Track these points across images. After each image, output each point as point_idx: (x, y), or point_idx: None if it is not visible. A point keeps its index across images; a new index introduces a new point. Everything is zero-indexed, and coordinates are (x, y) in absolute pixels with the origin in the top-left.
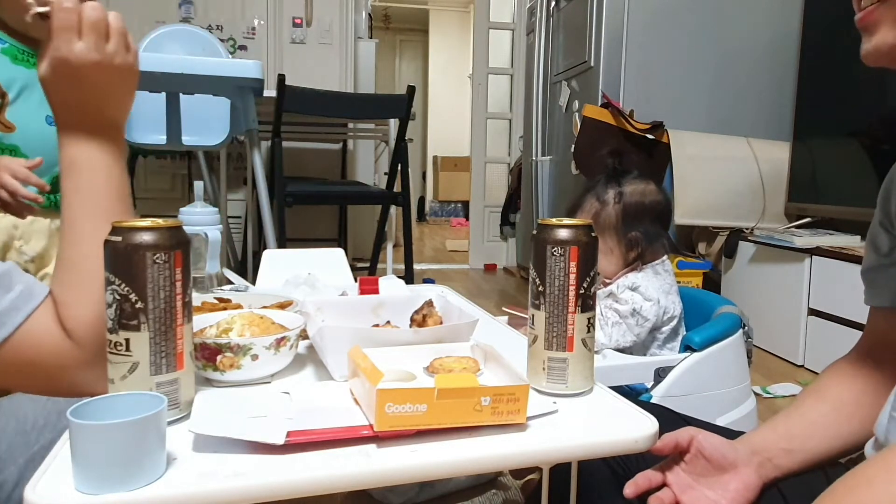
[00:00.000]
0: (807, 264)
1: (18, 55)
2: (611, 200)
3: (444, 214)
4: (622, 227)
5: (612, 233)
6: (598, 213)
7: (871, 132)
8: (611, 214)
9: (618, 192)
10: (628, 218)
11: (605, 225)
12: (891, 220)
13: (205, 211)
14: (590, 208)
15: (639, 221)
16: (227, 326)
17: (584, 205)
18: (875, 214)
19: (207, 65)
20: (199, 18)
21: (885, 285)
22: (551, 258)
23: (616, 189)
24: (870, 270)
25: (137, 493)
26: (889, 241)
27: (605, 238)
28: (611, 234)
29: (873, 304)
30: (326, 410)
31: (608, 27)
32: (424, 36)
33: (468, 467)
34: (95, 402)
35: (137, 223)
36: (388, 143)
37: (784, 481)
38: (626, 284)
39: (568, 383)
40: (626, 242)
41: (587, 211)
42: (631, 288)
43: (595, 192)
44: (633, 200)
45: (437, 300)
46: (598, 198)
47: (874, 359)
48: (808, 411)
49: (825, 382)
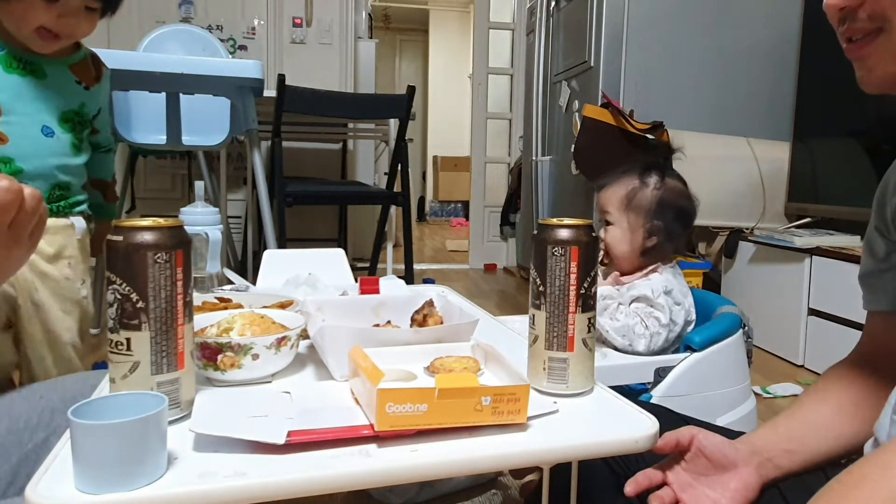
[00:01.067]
0: (807, 264)
1: (13, 63)
2: (651, 184)
3: (444, 214)
4: (652, 212)
5: (640, 213)
6: (636, 190)
7: (871, 132)
8: (647, 196)
9: (660, 179)
10: (661, 207)
11: (637, 204)
12: (886, 226)
13: (205, 211)
14: (628, 183)
15: (667, 215)
16: (228, 326)
17: (624, 179)
18: (871, 219)
19: (207, 65)
20: (199, 18)
21: (882, 290)
22: (552, 258)
23: (659, 176)
24: (867, 275)
25: (138, 492)
26: (886, 245)
27: (630, 216)
28: (638, 215)
29: (872, 308)
30: (327, 410)
31: (608, 27)
32: (424, 36)
33: (468, 467)
34: (96, 401)
35: (138, 223)
36: (388, 143)
37: (784, 481)
38: (660, 289)
39: (568, 383)
40: (649, 228)
41: (624, 185)
42: (666, 292)
43: (638, 172)
44: (672, 195)
45: (438, 300)
46: (641, 178)
47: (873, 362)
48: (809, 413)
49: (825, 385)
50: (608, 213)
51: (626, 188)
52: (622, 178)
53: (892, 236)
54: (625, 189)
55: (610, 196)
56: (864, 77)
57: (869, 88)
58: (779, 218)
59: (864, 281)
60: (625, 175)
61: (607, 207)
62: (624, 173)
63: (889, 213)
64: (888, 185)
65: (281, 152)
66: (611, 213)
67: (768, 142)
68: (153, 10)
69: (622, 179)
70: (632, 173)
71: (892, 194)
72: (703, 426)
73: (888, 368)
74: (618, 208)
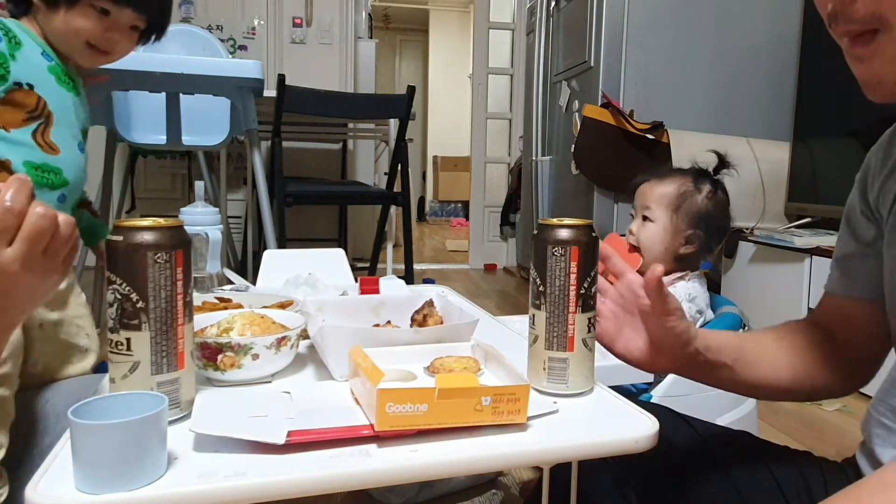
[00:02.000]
0: (807, 264)
1: (62, 76)
2: (704, 191)
3: (444, 214)
4: (698, 220)
5: (686, 218)
6: (689, 193)
7: (871, 132)
8: (697, 202)
9: (713, 189)
10: (708, 217)
11: (687, 207)
12: (870, 209)
13: (205, 211)
14: (681, 184)
15: (711, 226)
16: (228, 326)
17: (676, 178)
18: (853, 201)
19: (207, 65)
20: (199, 18)
21: (863, 275)
22: (552, 258)
23: (713, 186)
24: (848, 258)
25: (138, 492)
26: (871, 229)
27: (675, 217)
28: (683, 219)
29: (846, 293)
30: (327, 410)
31: (608, 27)
32: (424, 36)
33: (468, 467)
34: (96, 401)
35: (138, 223)
36: (388, 143)
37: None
38: (684, 296)
39: (568, 383)
40: (689, 235)
41: (676, 184)
42: (690, 300)
43: (692, 175)
44: (720, 209)
45: (438, 300)
46: (695, 181)
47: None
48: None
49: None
50: (649, 208)
51: (678, 188)
52: (673, 176)
53: (879, 222)
54: (676, 188)
55: (657, 192)
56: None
57: (875, 97)
58: (779, 218)
59: (843, 264)
60: (677, 175)
61: (649, 202)
62: (675, 172)
63: (871, 197)
64: (870, 167)
65: (281, 152)
66: (653, 209)
67: (768, 142)
68: None
69: (673, 178)
70: (685, 175)
71: (872, 179)
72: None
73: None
74: (664, 206)
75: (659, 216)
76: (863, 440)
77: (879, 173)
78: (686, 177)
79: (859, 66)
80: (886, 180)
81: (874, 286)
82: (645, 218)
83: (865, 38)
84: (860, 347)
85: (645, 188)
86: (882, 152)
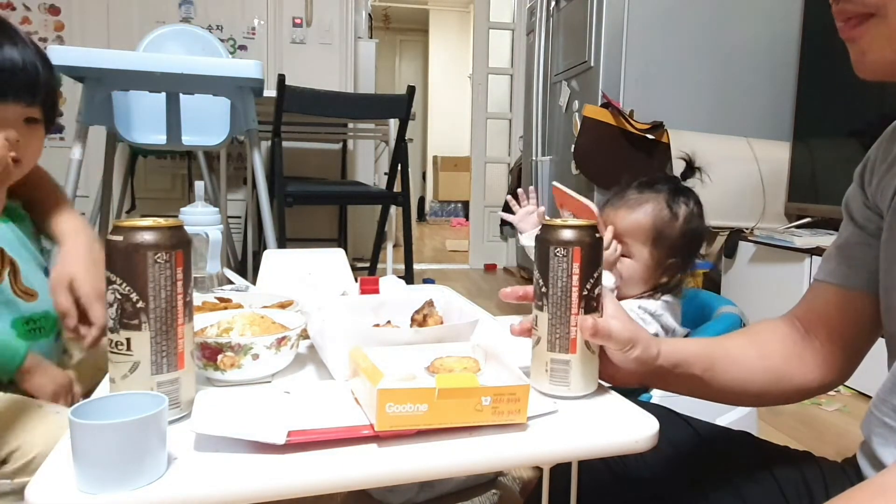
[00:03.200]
0: (807, 264)
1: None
2: (681, 216)
3: (444, 214)
4: (676, 248)
5: (664, 249)
6: (665, 223)
7: (871, 132)
8: (675, 230)
9: (691, 210)
10: (686, 242)
11: (664, 239)
12: (870, 203)
13: (206, 211)
14: (656, 212)
15: (691, 249)
16: (228, 326)
17: (649, 205)
18: (852, 193)
19: (207, 65)
20: (199, 18)
21: (862, 265)
22: (554, 259)
23: (689, 206)
24: (851, 246)
25: (138, 492)
26: (873, 219)
27: (654, 251)
28: (662, 251)
29: (842, 283)
30: (327, 410)
31: (608, 27)
32: (424, 36)
33: (468, 467)
34: (96, 401)
35: (138, 223)
36: (388, 143)
37: (783, 480)
38: (638, 312)
39: (571, 385)
40: (669, 265)
41: (651, 213)
42: (648, 315)
43: (665, 196)
44: (698, 227)
45: (438, 300)
46: (670, 206)
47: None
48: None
49: (759, 329)
50: (627, 243)
51: (653, 219)
52: (646, 201)
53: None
54: (652, 220)
55: (630, 222)
56: (858, 61)
57: (862, 73)
58: (779, 218)
59: (843, 251)
60: (649, 198)
61: (626, 237)
62: (647, 193)
63: (871, 192)
64: (868, 160)
65: (281, 152)
66: (629, 244)
67: (768, 142)
68: (153, 10)
69: (645, 204)
70: (657, 198)
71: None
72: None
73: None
74: (641, 241)
75: (637, 252)
76: (863, 440)
77: (879, 168)
78: (658, 200)
79: (850, 45)
80: (885, 175)
81: (870, 277)
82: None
83: (858, 19)
84: (847, 339)
85: (618, 216)
86: (883, 148)
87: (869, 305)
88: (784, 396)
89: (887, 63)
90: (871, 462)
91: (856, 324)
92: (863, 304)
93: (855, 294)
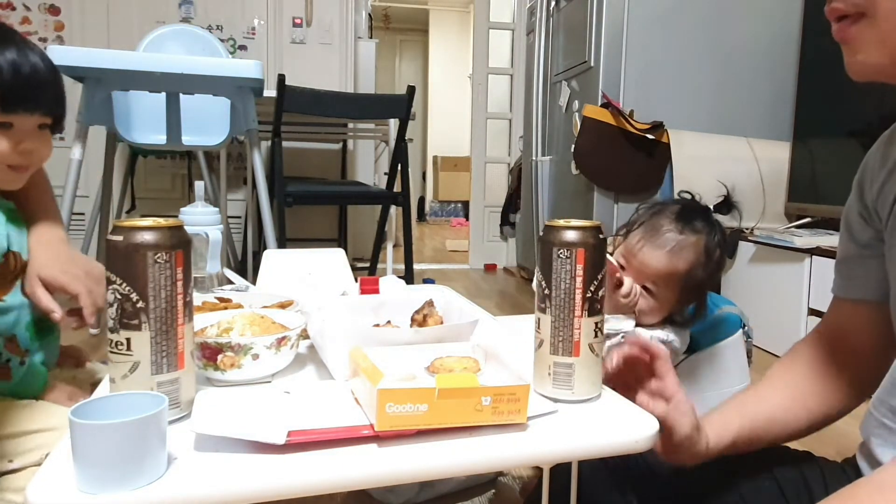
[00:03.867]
0: (807, 264)
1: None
2: (714, 262)
3: (444, 214)
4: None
5: (689, 290)
6: (696, 268)
7: (871, 132)
8: (707, 272)
9: (721, 255)
10: (709, 283)
11: (693, 279)
12: (868, 211)
13: (206, 211)
14: (694, 257)
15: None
16: (228, 326)
17: (689, 250)
18: (850, 204)
19: (207, 65)
20: (199, 18)
21: (862, 276)
22: (557, 260)
23: (722, 250)
24: (847, 260)
25: (138, 492)
26: (869, 231)
27: (681, 291)
28: (689, 290)
29: (847, 295)
30: (327, 410)
31: (608, 27)
32: (424, 36)
33: (468, 467)
34: (96, 401)
35: (138, 223)
36: (388, 143)
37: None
38: (660, 338)
39: (574, 389)
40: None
41: (685, 259)
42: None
43: (707, 241)
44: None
45: (438, 300)
46: (708, 252)
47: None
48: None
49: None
50: (656, 284)
51: (690, 265)
52: (687, 247)
53: (875, 223)
54: (688, 266)
55: (666, 268)
56: (849, 62)
57: (854, 75)
58: (779, 218)
59: (843, 266)
60: (691, 244)
61: (657, 279)
62: (687, 235)
63: (869, 198)
64: (866, 168)
65: (281, 152)
66: (659, 286)
67: (768, 142)
68: (153, 10)
69: (687, 251)
70: (698, 243)
71: (871, 181)
72: None
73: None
74: (671, 286)
75: (661, 294)
76: (862, 441)
77: (878, 174)
78: (699, 245)
79: (843, 46)
80: (887, 180)
81: (876, 288)
82: (646, 288)
83: (850, 20)
84: (867, 350)
85: (650, 255)
86: (881, 153)
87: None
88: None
89: (877, 65)
90: (870, 462)
91: (869, 333)
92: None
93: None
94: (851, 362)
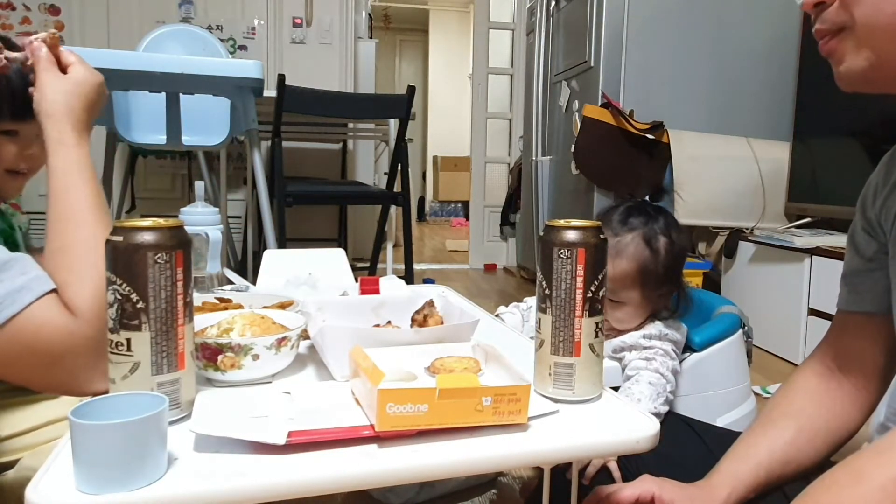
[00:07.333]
0: (807, 264)
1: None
2: (662, 248)
3: (444, 214)
4: (665, 279)
5: (655, 285)
6: (647, 262)
7: (871, 132)
8: (660, 266)
9: (669, 239)
10: (673, 270)
11: (652, 275)
12: (871, 226)
13: (206, 211)
14: (637, 256)
15: (677, 269)
16: (228, 326)
17: (628, 249)
18: (854, 223)
19: (207, 65)
20: (199, 18)
21: (869, 289)
22: (558, 260)
23: (667, 236)
24: (853, 274)
25: (138, 493)
26: (874, 245)
27: (645, 289)
28: (650, 286)
29: (854, 308)
30: (327, 410)
31: (608, 27)
32: (424, 36)
33: (469, 467)
34: (96, 402)
35: (139, 223)
36: (388, 143)
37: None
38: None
39: (575, 389)
40: (660, 295)
41: (633, 258)
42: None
43: (642, 233)
44: (681, 250)
45: (438, 300)
46: (649, 243)
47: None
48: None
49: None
50: (615, 292)
51: (636, 264)
52: (625, 246)
53: (879, 236)
54: (636, 265)
55: (616, 273)
56: (836, 73)
57: (842, 85)
58: (779, 218)
59: (849, 280)
60: (627, 241)
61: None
62: (623, 235)
63: (874, 215)
64: (868, 187)
65: (281, 152)
66: (619, 293)
67: (768, 142)
68: (153, 10)
69: (625, 251)
70: (634, 235)
71: (873, 196)
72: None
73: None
74: (629, 288)
75: (627, 297)
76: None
77: (881, 190)
78: (636, 239)
79: (830, 59)
80: (890, 194)
81: (883, 300)
82: (611, 300)
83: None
84: (874, 365)
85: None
86: (884, 171)
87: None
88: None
89: (861, 71)
90: None
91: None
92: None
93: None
94: (859, 382)
